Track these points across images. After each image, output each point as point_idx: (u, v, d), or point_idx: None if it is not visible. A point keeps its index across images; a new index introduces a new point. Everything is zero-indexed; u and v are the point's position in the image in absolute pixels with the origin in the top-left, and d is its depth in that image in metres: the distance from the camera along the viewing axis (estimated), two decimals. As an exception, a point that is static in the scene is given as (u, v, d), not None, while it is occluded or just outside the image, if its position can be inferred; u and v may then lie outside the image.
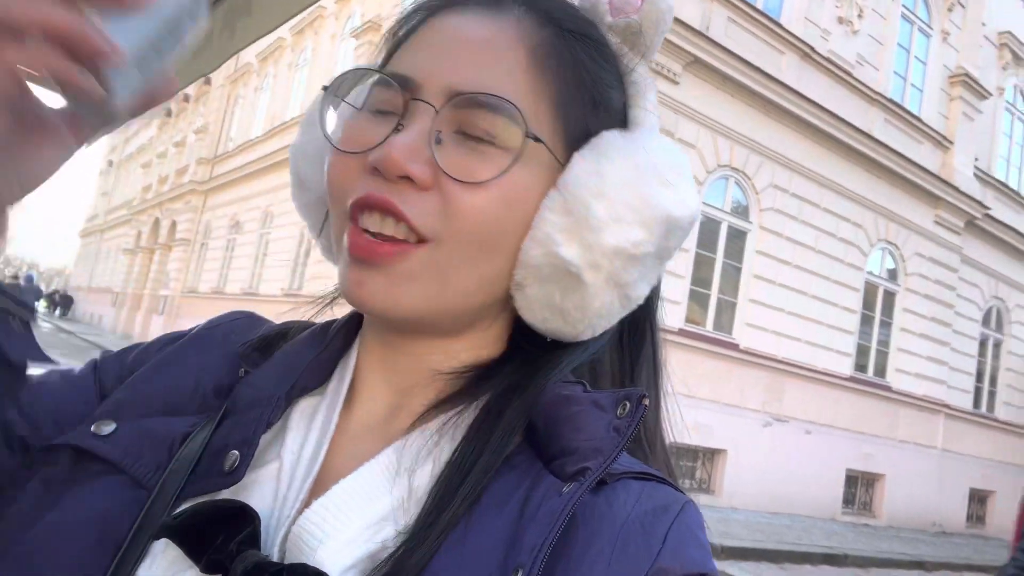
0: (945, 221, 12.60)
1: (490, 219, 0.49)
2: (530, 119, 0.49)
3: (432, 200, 0.48)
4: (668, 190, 0.51)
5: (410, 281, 0.48)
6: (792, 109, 10.08)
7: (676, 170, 0.52)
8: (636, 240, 0.50)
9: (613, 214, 0.49)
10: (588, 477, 0.44)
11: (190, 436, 0.51)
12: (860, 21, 11.20)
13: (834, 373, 11.00)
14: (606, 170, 0.50)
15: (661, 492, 0.47)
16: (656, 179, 0.51)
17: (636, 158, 0.51)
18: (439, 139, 0.48)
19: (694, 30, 8.93)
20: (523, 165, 0.49)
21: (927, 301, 12.45)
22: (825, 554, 7.87)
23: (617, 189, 0.49)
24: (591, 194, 0.49)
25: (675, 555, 0.43)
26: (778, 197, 10.31)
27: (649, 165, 0.51)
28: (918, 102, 12.31)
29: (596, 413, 0.47)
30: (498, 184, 0.48)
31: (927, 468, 12.44)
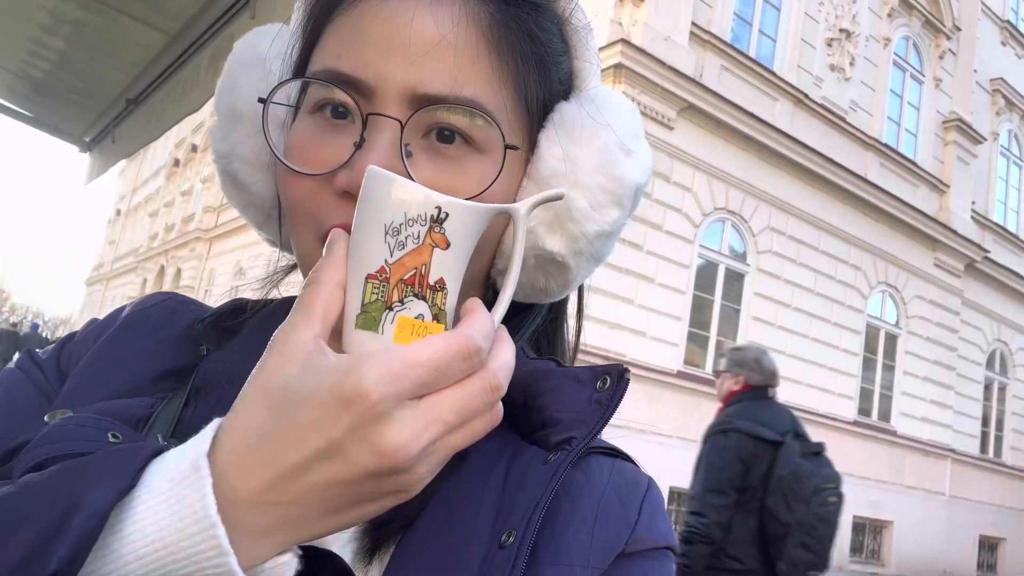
0: (945, 264, 12.62)
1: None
2: (497, 111, 0.47)
3: None
4: (632, 160, 0.53)
5: None
6: (787, 153, 10.20)
7: (633, 134, 0.54)
8: (614, 220, 0.52)
9: (592, 202, 0.51)
10: (574, 446, 0.46)
11: (151, 417, 0.50)
12: (852, 68, 11.41)
13: (837, 417, 10.88)
14: (576, 156, 0.51)
15: (629, 468, 0.50)
16: (622, 153, 0.52)
17: (602, 138, 0.52)
18: (409, 152, 0.46)
19: (688, 77, 9.10)
20: (482, 155, 0.48)
21: (930, 344, 12.39)
22: (831, 602, 7.68)
23: (591, 175, 0.51)
24: (568, 185, 0.50)
25: (649, 526, 0.47)
26: (775, 240, 10.36)
27: (614, 142, 0.52)
28: (913, 146, 12.46)
29: (576, 387, 0.49)
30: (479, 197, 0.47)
31: (935, 515, 12.21)
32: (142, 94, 2.63)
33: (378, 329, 0.38)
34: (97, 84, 2.75)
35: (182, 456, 0.36)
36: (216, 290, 20.21)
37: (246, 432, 0.35)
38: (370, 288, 0.39)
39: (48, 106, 3.05)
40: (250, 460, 0.35)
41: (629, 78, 8.68)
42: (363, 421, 0.34)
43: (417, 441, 0.35)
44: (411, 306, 0.39)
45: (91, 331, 0.61)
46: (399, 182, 0.39)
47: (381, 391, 0.34)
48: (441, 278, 0.39)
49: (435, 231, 0.39)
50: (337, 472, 0.35)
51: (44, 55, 2.61)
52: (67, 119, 3.16)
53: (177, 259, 23.51)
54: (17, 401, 0.55)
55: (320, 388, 0.34)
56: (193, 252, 22.16)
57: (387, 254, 0.38)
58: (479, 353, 0.37)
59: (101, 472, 0.34)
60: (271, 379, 0.36)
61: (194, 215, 23.14)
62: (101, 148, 3.15)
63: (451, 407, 0.36)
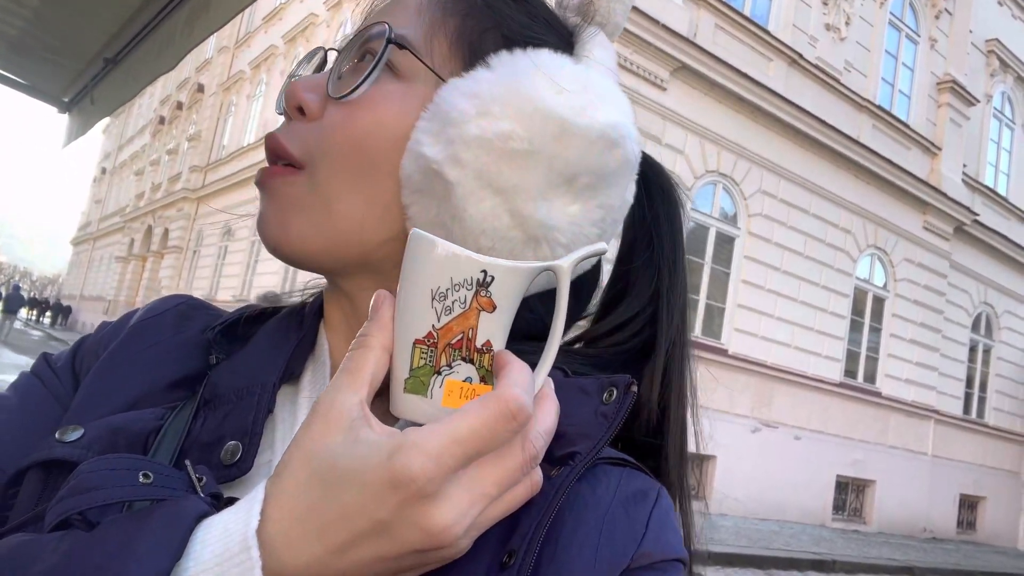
0: (934, 227, 12.65)
1: (358, 133, 0.48)
2: (421, 50, 0.50)
3: (313, 127, 0.50)
4: (561, 96, 0.46)
5: (297, 210, 0.49)
6: (780, 115, 10.12)
7: (579, 80, 0.48)
8: (504, 131, 0.45)
9: (480, 108, 0.46)
10: (578, 461, 0.44)
11: (162, 429, 0.49)
12: (848, 28, 11.27)
13: (824, 379, 11.01)
14: (482, 74, 0.48)
15: (638, 478, 0.48)
16: (544, 82, 0.47)
17: (520, 63, 0.48)
18: (340, 75, 0.50)
19: (681, 36, 8.97)
20: (400, 82, 0.50)
21: (916, 307, 12.49)
22: (813, 560, 7.85)
23: (489, 86, 0.47)
24: (460, 94, 0.47)
25: (657, 540, 0.44)
26: (766, 203, 10.34)
27: (534, 68, 0.47)
28: (906, 108, 12.39)
29: (581, 399, 0.47)
30: (367, 97, 0.49)
31: (918, 474, 12.45)
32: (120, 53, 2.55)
33: (427, 393, 0.40)
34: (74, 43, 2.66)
35: (229, 531, 0.36)
36: (204, 251, 20.09)
37: (294, 504, 0.36)
38: (418, 353, 0.40)
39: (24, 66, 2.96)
40: (298, 535, 0.36)
41: (622, 36, 8.51)
42: (410, 503, 0.35)
43: (463, 521, 0.36)
44: (459, 369, 0.40)
45: (104, 335, 0.60)
46: (442, 246, 0.39)
47: (428, 474, 0.34)
48: (488, 341, 0.40)
49: (481, 295, 0.39)
50: (383, 550, 0.36)
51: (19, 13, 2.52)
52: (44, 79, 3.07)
53: (164, 219, 23.30)
54: (33, 409, 0.55)
55: (366, 467, 0.35)
56: (180, 212, 21.96)
57: (434, 319, 0.39)
58: (522, 411, 0.37)
59: (148, 546, 0.34)
60: (316, 447, 0.37)
61: (180, 174, 22.87)
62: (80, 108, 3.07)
63: (494, 482, 0.37)
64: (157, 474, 0.42)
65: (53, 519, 0.39)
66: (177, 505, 0.37)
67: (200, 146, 22.10)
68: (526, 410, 0.37)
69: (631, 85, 8.74)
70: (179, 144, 24.48)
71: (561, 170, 0.47)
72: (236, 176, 18.35)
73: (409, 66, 0.49)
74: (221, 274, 18.62)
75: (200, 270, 20.07)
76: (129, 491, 0.40)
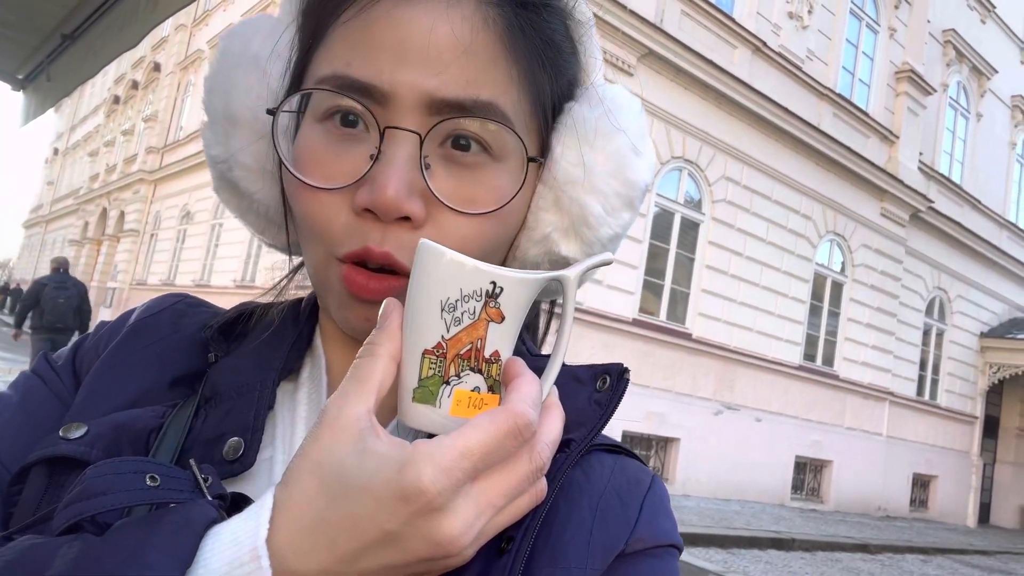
0: (891, 214, 12.94)
1: (490, 241, 0.48)
2: (514, 117, 0.46)
3: (421, 235, 0.44)
4: (641, 160, 0.52)
5: None
6: (744, 102, 10.22)
7: (642, 134, 0.53)
8: (626, 222, 0.52)
9: (607, 207, 0.51)
10: (573, 449, 0.45)
11: (163, 427, 0.49)
12: (810, 16, 11.41)
13: (784, 362, 11.23)
14: (591, 162, 0.50)
15: (632, 465, 0.49)
16: (633, 155, 0.52)
17: (615, 141, 0.51)
18: (427, 164, 0.45)
19: (648, 23, 8.99)
20: (498, 165, 0.47)
21: (873, 292, 12.78)
22: (773, 539, 8.04)
23: (606, 180, 0.51)
24: (584, 191, 0.50)
25: (650, 526, 0.46)
26: (730, 189, 10.47)
27: (626, 144, 0.52)
28: (865, 97, 12.61)
29: (575, 387, 0.48)
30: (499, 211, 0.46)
31: (873, 454, 12.80)
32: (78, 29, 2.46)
33: (436, 403, 0.40)
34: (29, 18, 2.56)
35: (239, 540, 0.36)
36: (162, 234, 19.64)
37: (303, 513, 0.36)
38: (427, 363, 0.40)
39: (-25, 40, 2.84)
40: (308, 544, 0.36)
41: (589, 21, 8.52)
42: (420, 514, 0.35)
43: (471, 531, 0.36)
44: (467, 379, 0.40)
45: (101, 335, 0.59)
46: (452, 257, 0.39)
47: (438, 487, 0.35)
48: (496, 351, 0.40)
49: (490, 306, 0.40)
50: (392, 559, 0.36)
51: (-31, -15, 2.42)
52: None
53: (120, 201, 22.70)
54: (34, 408, 0.54)
55: (377, 480, 0.35)
56: (137, 194, 21.40)
57: (444, 330, 0.39)
58: (528, 427, 0.38)
59: (158, 554, 0.34)
60: (324, 456, 0.37)
61: (136, 156, 22.28)
62: (36, 86, 2.97)
63: (501, 493, 0.38)
64: (164, 476, 0.41)
65: (62, 523, 0.39)
66: (187, 512, 0.37)
67: (157, 127, 21.53)
68: (533, 426, 0.38)
69: (598, 70, 8.74)
70: (135, 125, 23.82)
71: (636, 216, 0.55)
72: (195, 158, 17.93)
73: (506, 146, 0.46)
74: (180, 258, 18.23)
75: (158, 254, 19.62)
76: (137, 495, 0.40)
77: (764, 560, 7.26)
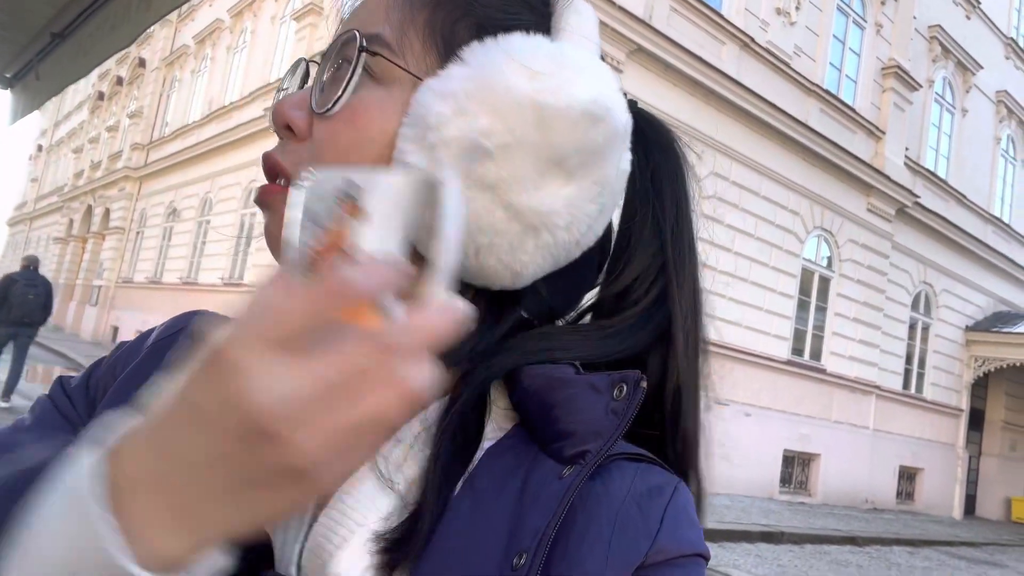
0: (877, 209, 13.03)
1: (342, 146, 0.48)
2: (395, 50, 0.49)
3: (305, 145, 0.49)
4: (535, 80, 0.45)
5: None
6: (732, 98, 10.26)
7: (553, 59, 0.46)
8: (483, 128, 0.44)
9: (456, 108, 0.44)
10: (589, 460, 0.44)
11: None
12: (797, 13, 11.46)
13: (772, 357, 11.30)
14: (455, 72, 0.46)
15: (655, 473, 0.47)
16: (516, 70, 0.45)
17: (491, 53, 0.46)
18: (323, 87, 0.50)
19: (637, 19, 9.00)
20: (379, 87, 0.48)
21: (860, 286, 12.87)
22: (762, 532, 8.10)
23: (463, 83, 0.45)
24: (435, 95, 0.45)
25: (672, 536, 0.44)
26: (719, 185, 10.50)
27: (506, 57, 0.46)
28: (852, 93, 12.68)
29: (592, 395, 0.47)
30: (349, 109, 0.48)
31: (860, 447, 12.91)
32: (68, 27, 2.43)
33: None
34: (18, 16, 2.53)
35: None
36: (148, 231, 19.48)
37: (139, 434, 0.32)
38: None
39: (-38, 38, 2.80)
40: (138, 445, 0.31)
41: (578, 18, 8.52)
42: (217, 375, 0.29)
43: (291, 404, 0.28)
44: None
45: (119, 356, 0.59)
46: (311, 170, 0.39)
47: (233, 340, 0.29)
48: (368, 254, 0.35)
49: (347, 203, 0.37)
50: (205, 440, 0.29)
51: (-44, -18, 2.39)
52: (-16, 52, 2.92)
53: (105, 199, 22.49)
54: (47, 432, 0.54)
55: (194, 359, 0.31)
56: (122, 192, 21.21)
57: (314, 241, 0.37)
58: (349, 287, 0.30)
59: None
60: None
61: (122, 152, 22.07)
62: (24, 84, 2.93)
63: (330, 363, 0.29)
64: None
65: None
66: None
67: (142, 123, 21.34)
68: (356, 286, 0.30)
69: (587, 66, 8.75)
70: (120, 121, 23.59)
71: (548, 156, 0.45)
72: (182, 154, 17.81)
73: (386, 69, 0.48)
74: (167, 256, 18.09)
75: (144, 251, 19.46)
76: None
77: (754, 553, 7.32)
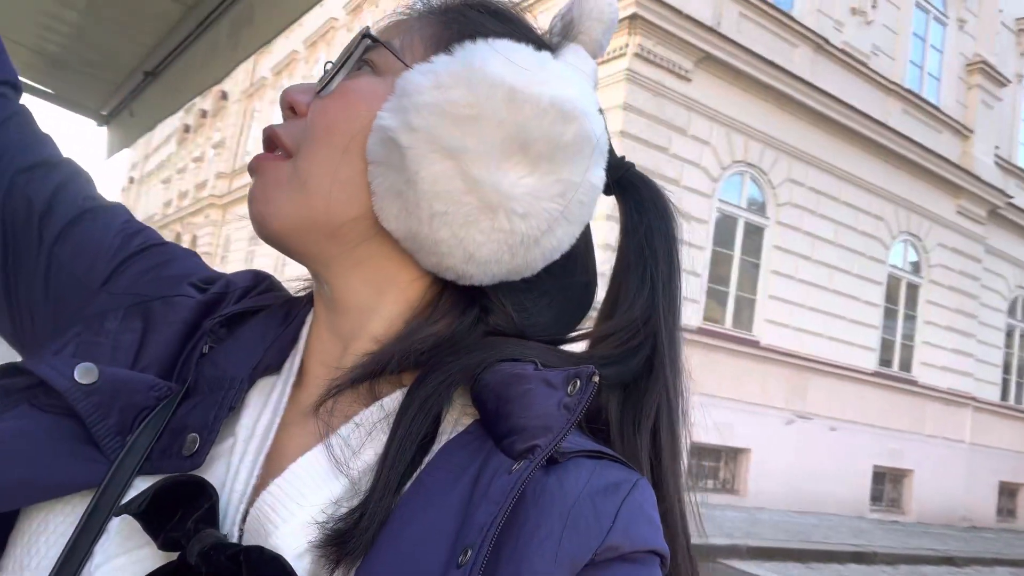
0: (967, 211, 12.43)
1: (330, 119, 0.52)
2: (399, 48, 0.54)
3: (302, 120, 0.53)
4: (512, 69, 0.48)
5: (278, 188, 0.52)
6: (807, 102, 9.99)
7: (537, 61, 0.50)
8: (455, 99, 0.47)
9: (434, 81, 0.48)
10: (537, 454, 0.43)
11: (156, 409, 0.50)
12: (874, 11, 11.09)
13: (858, 368, 10.87)
14: (441, 58, 0.50)
15: (613, 470, 0.46)
16: (498, 59, 0.49)
17: (479, 47, 0.50)
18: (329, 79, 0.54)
19: (705, 26, 8.88)
20: (376, 77, 0.53)
21: (951, 293, 12.28)
22: (853, 552, 7.76)
23: (446, 64, 0.49)
24: (418, 72, 0.50)
25: (625, 533, 0.43)
26: (795, 191, 10.22)
27: (491, 50, 0.49)
28: (936, 91, 12.17)
29: (546, 391, 0.46)
30: (344, 89, 0.53)
31: (956, 462, 12.26)
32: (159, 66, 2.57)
33: None
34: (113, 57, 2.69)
35: None
36: (232, 256, 20.30)
37: None
38: None
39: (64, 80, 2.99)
40: None
41: (644, 28, 8.48)
42: None
43: None
44: None
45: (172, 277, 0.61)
46: None
47: None
48: None
49: None
50: None
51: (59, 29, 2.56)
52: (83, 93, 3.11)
53: (193, 226, 23.58)
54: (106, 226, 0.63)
55: None
56: (208, 219, 22.20)
57: None
58: None
59: None
60: None
61: (207, 181, 23.13)
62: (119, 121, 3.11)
63: None
64: None
65: None
66: None
67: (225, 153, 22.32)
68: None
69: (655, 77, 8.68)
70: (204, 151, 24.75)
71: (512, 135, 0.47)
72: (261, 181, 18.50)
73: (385, 63, 0.53)
74: (249, 278, 18.81)
75: (229, 275, 20.29)
76: None
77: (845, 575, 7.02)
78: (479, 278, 0.51)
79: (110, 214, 0.64)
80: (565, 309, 0.58)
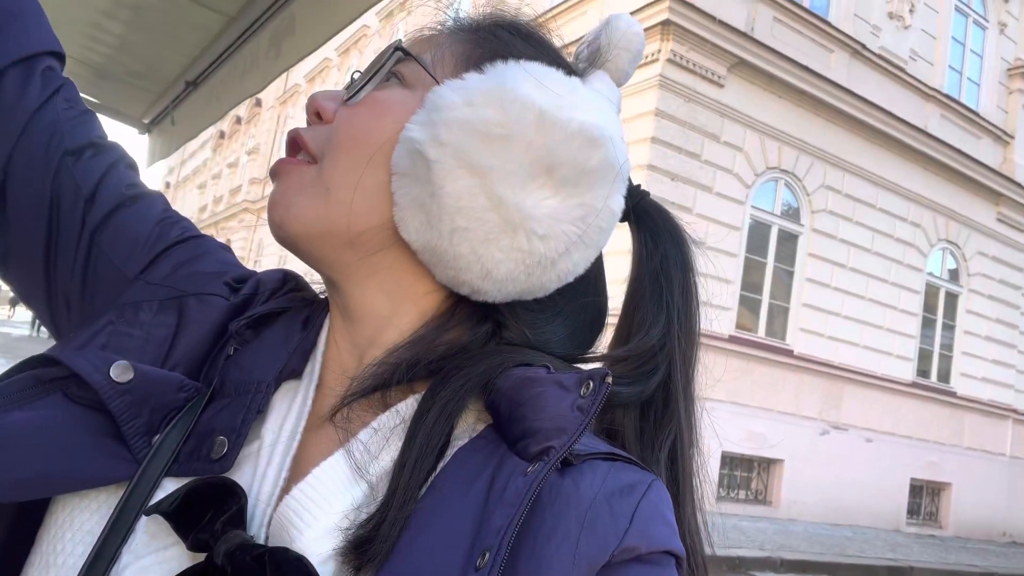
0: (1008, 219, 12.14)
1: (358, 128, 0.52)
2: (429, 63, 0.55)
3: (327, 127, 0.54)
4: (544, 92, 0.49)
5: (300, 192, 0.52)
6: (843, 107, 9.84)
7: (567, 87, 0.51)
8: (486, 118, 0.48)
9: (466, 98, 0.49)
10: (552, 456, 0.43)
11: (184, 409, 0.50)
12: (912, 16, 10.91)
13: (895, 379, 10.66)
14: (472, 75, 0.51)
15: (628, 471, 0.46)
16: (530, 82, 0.50)
17: (511, 67, 0.51)
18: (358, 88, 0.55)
19: (739, 32, 8.81)
20: (405, 90, 0.54)
21: (992, 302, 12.00)
22: (889, 567, 7.60)
23: (478, 83, 0.50)
24: (450, 88, 0.50)
25: (642, 534, 0.43)
26: (830, 198, 10.08)
27: (523, 72, 0.50)
28: (975, 96, 11.92)
29: (559, 393, 0.47)
30: (372, 99, 0.54)
31: (996, 476, 11.95)
32: (201, 76, 2.61)
33: None
34: (156, 67, 2.74)
35: None
36: (265, 260, 20.57)
37: None
38: None
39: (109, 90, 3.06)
40: None
41: (677, 35, 8.43)
42: None
43: None
44: None
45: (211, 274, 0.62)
46: None
47: None
48: None
49: None
50: None
51: (104, 40, 2.62)
52: (126, 102, 3.18)
53: (227, 230, 23.96)
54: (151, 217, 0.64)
55: None
56: (242, 223, 22.54)
57: None
58: None
59: None
60: None
61: (241, 187, 23.49)
62: (161, 129, 3.17)
63: None
64: None
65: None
66: None
67: (259, 159, 22.65)
68: None
69: (688, 83, 8.62)
70: (239, 157, 25.14)
71: (539, 158, 0.48)
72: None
73: (415, 77, 0.54)
74: (282, 283, 19.06)
75: (261, 279, 20.57)
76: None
77: (881, 589, 6.88)
78: (493, 295, 0.52)
79: (150, 203, 0.64)
80: (579, 328, 0.58)
